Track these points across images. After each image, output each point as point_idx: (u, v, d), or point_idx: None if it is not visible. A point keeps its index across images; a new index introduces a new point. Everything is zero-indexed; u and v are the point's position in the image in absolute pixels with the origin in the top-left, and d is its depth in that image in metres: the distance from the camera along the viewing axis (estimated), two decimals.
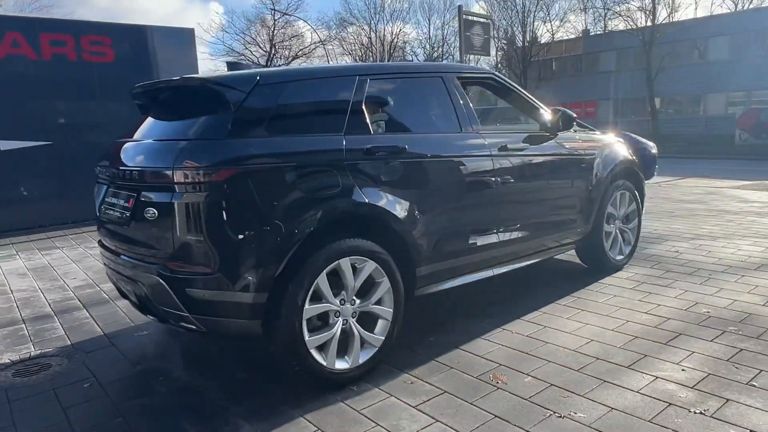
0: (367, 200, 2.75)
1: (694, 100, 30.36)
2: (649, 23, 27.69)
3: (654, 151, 9.71)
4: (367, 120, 2.91)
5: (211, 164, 2.42)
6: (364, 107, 2.91)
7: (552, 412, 2.41)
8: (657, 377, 2.68)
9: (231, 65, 3.79)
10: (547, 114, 3.84)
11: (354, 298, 2.78)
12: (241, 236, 2.44)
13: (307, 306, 2.58)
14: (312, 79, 2.88)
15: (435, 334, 3.37)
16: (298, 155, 2.61)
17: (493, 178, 3.36)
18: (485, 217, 3.35)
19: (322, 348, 2.68)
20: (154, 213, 2.51)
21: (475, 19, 12.16)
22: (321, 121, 2.81)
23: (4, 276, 5.31)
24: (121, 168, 2.77)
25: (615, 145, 4.44)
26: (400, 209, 2.89)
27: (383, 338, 2.87)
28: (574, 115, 3.81)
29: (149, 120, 3.04)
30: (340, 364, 2.72)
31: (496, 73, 3.81)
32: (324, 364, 2.65)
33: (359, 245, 2.74)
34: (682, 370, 2.75)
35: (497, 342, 3.20)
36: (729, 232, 5.88)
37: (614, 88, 31.77)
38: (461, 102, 3.36)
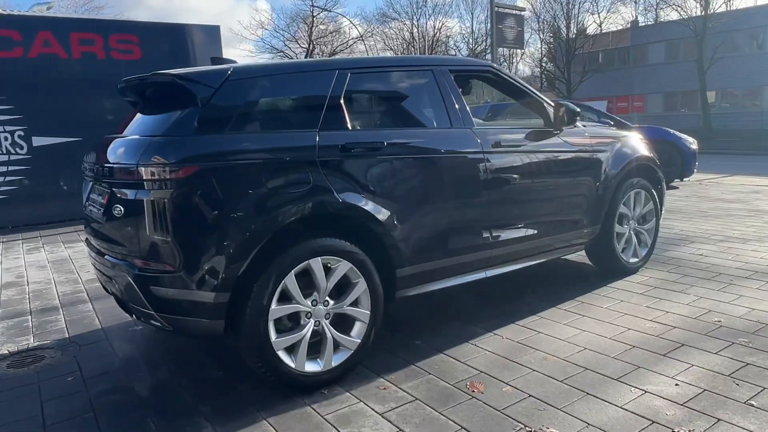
0: (340, 198, 2.66)
1: (752, 93, 28.79)
2: (702, 12, 26.34)
3: (693, 147, 9.28)
4: (346, 115, 2.81)
5: (173, 161, 2.38)
6: (342, 102, 2.82)
7: (522, 426, 2.27)
8: (646, 391, 2.49)
9: (214, 61, 3.74)
10: (550, 109, 3.64)
11: (327, 299, 2.70)
12: (202, 235, 2.40)
13: (273, 306, 2.51)
14: (287, 74, 2.81)
15: (423, 336, 3.25)
16: (266, 152, 2.55)
17: (484, 176, 3.20)
18: (474, 217, 3.20)
19: (291, 350, 2.61)
20: (121, 210, 2.50)
21: (507, 11, 11.84)
22: (294, 116, 2.74)
23: (25, 268, 5.50)
24: (98, 164, 2.77)
25: (629, 140, 4.19)
26: (377, 208, 2.78)
27: (359, 341, 2.78)
28: (578, 110, 3.60)
29: (135, 116, 3.04)
30: (311, 367, 2.65)
31: (494, 65, 3.64)
32: (293, 366, 2.59)
33: (331, 245, 2.65)
34: (676, 384, 2.54)
35: (484, 347, 3.06)
36: (764, 234, 5.49)
37: (663, 81, 30.45)
38: (452, 96, 3.22)
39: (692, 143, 9.23)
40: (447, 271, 3.15)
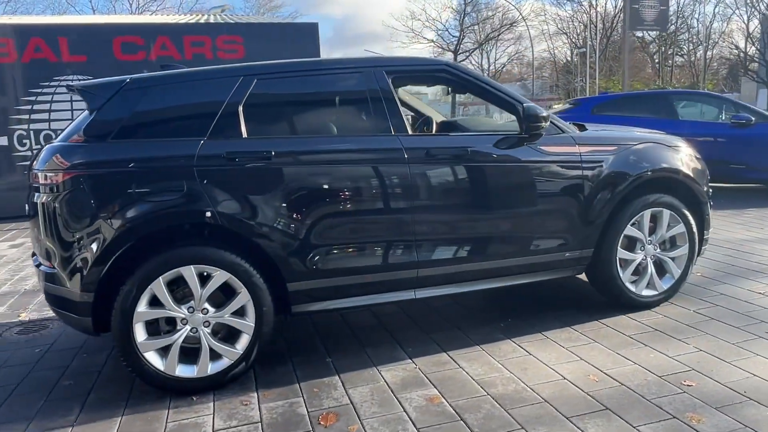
0: (214, 209, 2.63)
1: None
2: None
3: None
4: (242, 123, 2.77)
5: (54, 168, 2.59)
6: (241, 110, 2.78)
7: None
8: None
9: (164, 67, 3.90)
10: (517, 110, 3.14)
11: (207, 307, 2.71)
12: (71, 237, 2.57)
13: (140, 310, 2.60)
14: (186, 82, 2.84)
15: (339, 354, 3.09)
16: (141, 161, 2.62)
17: (405, 189, 2.90)
18: (389, 234, 2.91)
19: (165, 353, 2.68)
20: (29, 210, 2.79)
21: None
22: (183, 125, 2.76)
23: None
24: None
25: (648, 148, 3.44)
26: (259, 219, 2.71)
27: (241, 352, 2.75)
28: (542, 114, 3.03)
29: None
30: (184, 372, 2.69)
31: (451, 63, 3.23)
32: (161, 368, 2.66)
33: (205, 254, 2.65)
34: None
35: (385, 375, 2.81)
36: None
37: None
38: (382, 101, 2.96)
39: None
40: (358, 289, 2.93)
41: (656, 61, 44.17)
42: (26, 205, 2.87)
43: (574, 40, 44.73)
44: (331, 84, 3.02)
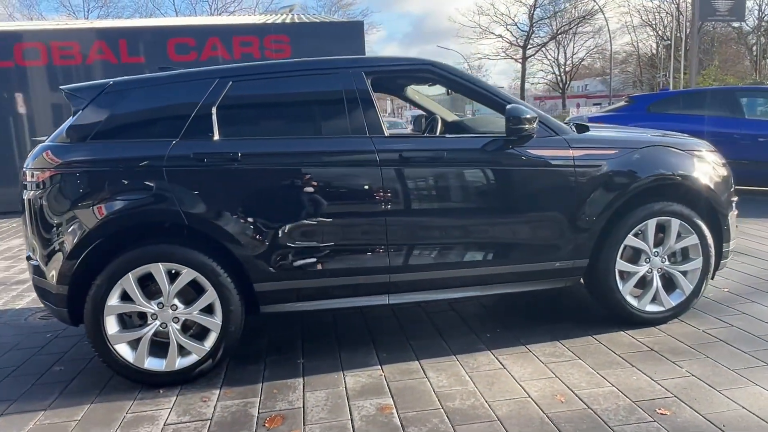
0: (181, 209, 2.70)
1: None
2: None
3: None
4: (215, 125, 2.82)
5: (37, 167, 2.76)
6: (215, 111, 2.83)
7: None
8: None
9: (161, 69, 3.96)
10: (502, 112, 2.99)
11: (177, 303, 2.78)
12: (48, 231, 2.73)
13: (111, 303, 2.71)
14: (163, 84, 2.92)
15: (314, 356, 3.09)
16: (113, 161, 2.73)
17: (375, 192, 2.83)
18: (361, 236, 2.86)
19: (136, 346, 2.78)
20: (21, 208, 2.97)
21: None
22: (157, 126, 2.84)
23: None
24: None
25: (650, 151, 3.16)
26: (225, 220, 2.74)
27: (208, 349, 2.81)
28: (526, 116, 2.85)
29: None
30: (153, 365, 2.79)
31: (436, 62, 3.11)
32: (131, 361, 2.76)
33: (172, 252, 2.73)
34: None
35: (349, 381, 2.78)
36: None
37: None
38: (358, 101, 2.92)
39: None
40: (328, 291, 2.91)
41: (754, 53, 40.87)
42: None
43: (660, 32, 42.29)
44: (308, 85, 3.01)
